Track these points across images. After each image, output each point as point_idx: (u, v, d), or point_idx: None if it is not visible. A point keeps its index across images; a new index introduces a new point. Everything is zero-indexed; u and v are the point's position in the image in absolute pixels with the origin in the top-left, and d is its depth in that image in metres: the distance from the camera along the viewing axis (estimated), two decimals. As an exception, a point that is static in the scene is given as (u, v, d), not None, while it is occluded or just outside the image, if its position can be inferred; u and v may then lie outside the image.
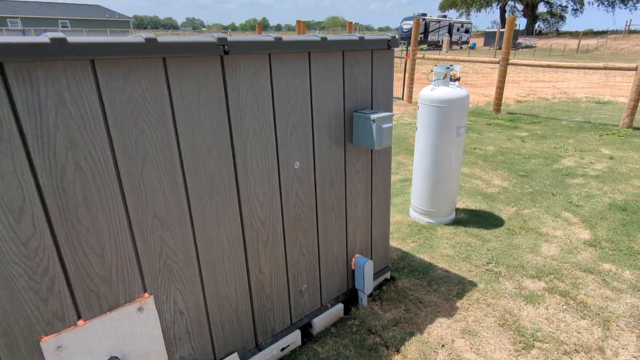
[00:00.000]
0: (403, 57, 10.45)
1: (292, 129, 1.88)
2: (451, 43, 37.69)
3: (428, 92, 3.29)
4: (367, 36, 2.08)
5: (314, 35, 1.87)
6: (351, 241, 2.39)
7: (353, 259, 2.43)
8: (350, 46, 1.98)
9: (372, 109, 2.24)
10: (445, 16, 43.59)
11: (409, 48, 9.57)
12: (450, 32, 39.83)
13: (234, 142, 1.69)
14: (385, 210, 2.56)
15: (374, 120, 2.04)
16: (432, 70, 3.31)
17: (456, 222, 3.65)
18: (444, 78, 3.25)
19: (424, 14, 41.36)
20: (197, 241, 1.67)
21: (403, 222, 3.68)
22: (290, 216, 2.01)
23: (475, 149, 5.96)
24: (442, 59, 9.42)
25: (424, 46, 37.35)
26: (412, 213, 3.75)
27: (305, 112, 1.91)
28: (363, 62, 2.10)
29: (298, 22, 13.28)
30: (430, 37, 38.97)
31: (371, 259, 2.57)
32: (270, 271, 2.00)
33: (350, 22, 11.52)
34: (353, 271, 2.47)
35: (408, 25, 36.56)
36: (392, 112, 2.29)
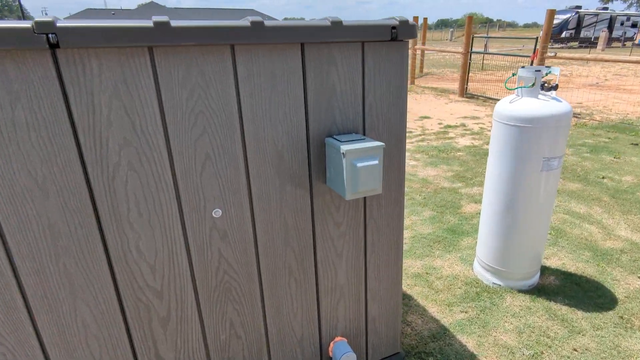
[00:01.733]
0: (529, 57, 8.64)
1: (204, 161, 1.23)
2: (611, 39, 31.36)
3: (505, 104, 2.25)
4: (353, 21, 1.28)
5: (244, 20, 1.17)
6: (328, 319, 1.63)
7: (331, 344, 1.67)
8: (315, 35, 1.23)
9: (363, 132, 1.43)
10: (606, 8, 36.55)
11: (537, 46, 7.81)
12: (610, 27, 33.21)
13: (90, 179, 1.11)
14: (393, 277, 1.72)
15: (344, 154, 1.25)
16: (514, 74, 2.25)
17: (538, 290, 2.52)
18: (531, 85, 2.18)
19: (579, 7, 35.28)
20: (35, 323, 1.15)
21: (460, 278, 2.69)
22: (210, 284, 1.36)
23: (603, 178, 4.39)
24: (580, 58, 7.45)
25: (574, 43, 31.87)
26: (477, 267, 2.72)
27: (228, 136, 1.23)
28: (345, 60, 1.31)
29: (415, 19, 12.16)
30: (584, 33, 33.04)
31: (367, 344, 1.76)
32: (177, 357, 1.39)
33: (470, 16, 9.97)
34: None
35: (556, 20, 31.57)
36: (396, 138, 1.46)
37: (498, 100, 8.93)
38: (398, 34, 1.33)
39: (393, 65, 1.39)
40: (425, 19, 14.37)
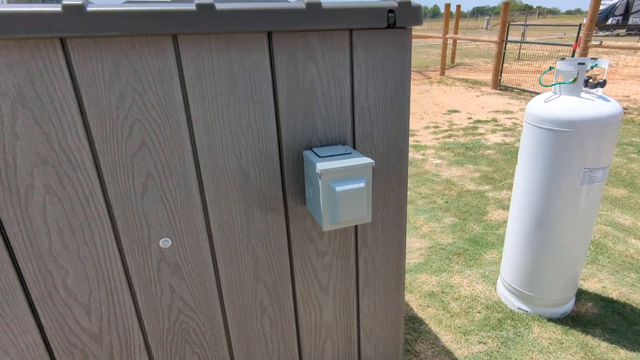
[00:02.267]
0: (571, 45, 7.93)
1: (145, 181, 0.98)
2: (664, 26, 28.90)
3: (539, 103, 1.89)
4: (337, 2, 0.99)
5: (188, 4, 0.91)
6: (312, 362, 1.38)
7: (316, 389, 1.41)
8: (287, 22, 0.94)
9: (353, 144, 1.15)
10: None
11: (580, 34, 7.12)
12: (665, 12, 30.60)
13: (-4, 205, 0.89)
14: (392, 314, 1.43)
15: (320, 174, 0.97)
16: (551, 67, 1.88)
17: (572, 320, 2.16)
18: (573, 81, 1.80)
19: (628, -9, 32.70)
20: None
21: (480, 299, 2.36)
22: (162, 325, 1.13)
23: (654, 183, 3.88)
24: (629, 47, 6.74)
25: (622, 31, 29.68)
26: (501, 288, 2.38)
27: (175, 150, 0.98)
28: (327, 54, 1.03)
29: (447, 5, 11.52)
30: (632, 20, 30.65)
31: (360, 387, 1.50)
32: (124, 407, 1.17)
33: (507, 2, 9.26)
34: (320, 404, 1.45)
35: (602, 5, 29.44)
36: (396, 151, 1.16)
37: (535, 93, 8.30)
38: (397, 19, 1.03)
39: (391, 59, 1.09)
40: (458, 7, 13.65)
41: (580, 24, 7.31)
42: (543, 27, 28.42)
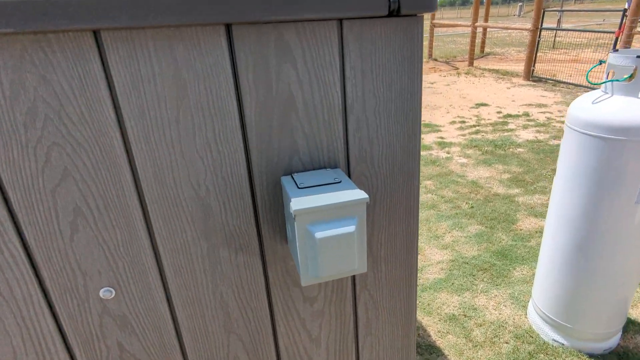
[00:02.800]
0: (613, 32, 7.28)
1: (74, 220, 0.76)
2: None
3: (585, 104, 1.57)
4: (321, -18, 0.74)
5: (115, -16, 0.67)
6: (301, 422, 1.15)
7: None
8: (252, 10, 0.70)
9: (347, 167, 0.89)
10: None
11: (624, 20, 6.50)
12: None
13: None
14: None
15: (294, 215, 0.73)
16: (601, 62, 1.56)
17: (619, 356, 1.85)
18: (629, 78, 1.47)
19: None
20: None
21: (508, 326, 2.07)
22: (111, 388, 0.92)
23: None
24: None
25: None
26: (532, 314, 2.08)
27: (111, 180, 0.75)
28: (309, 51, 0.77)
29: (476, -9, 10.90)
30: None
31: None
32: None
33: (542, -13, 8.61)
34: None
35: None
36: (404, 174, 0.90)
37: (572, 85, 7.70)
38: (402, 5, 0.76)
39: (395, 56, 0.83)
40: (488, -7, 12.93)
41: (625, 9, 6.67)
42: (580, 13, 26.86)
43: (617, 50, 1.53)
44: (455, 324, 2.09)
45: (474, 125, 5.63)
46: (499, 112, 6.21)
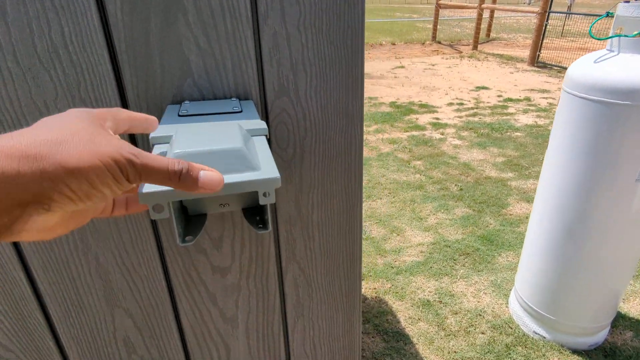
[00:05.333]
0: None
1: None
2: None
3: (586, 64, 1.35)
4: None
5: None
6: (219, 416, 0.96)
7: None
8: None
9: (263, 97, 0.68)
10: None
11: None
12: None
13: None
14: (342, 357, 0.99)
15: (152, 144, 0.52)
16: (608, 13, 1.32)
17: (604, 353, 1.67)
18: (639, 34, 1.24)
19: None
20: None
21: (486, 316, 1.88)
22: (-43, 369, 0.73)
23: None
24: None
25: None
26: (514, 304, 1.89)
27: None
28: None
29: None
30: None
31: None
32: None
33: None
34: None
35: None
36: (343, 115, 0.69)
37: (577, 71, 7.42)
38: None
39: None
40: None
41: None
42: (593, 3, 26.17)
43: (629, 0, 1.30)
44: (428, 311, 1.91)
45: (472, 108, 5.38)
46: (499, 96, 5.95)
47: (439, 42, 12.03)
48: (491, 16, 12.15)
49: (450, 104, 5.60)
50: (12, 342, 0.73)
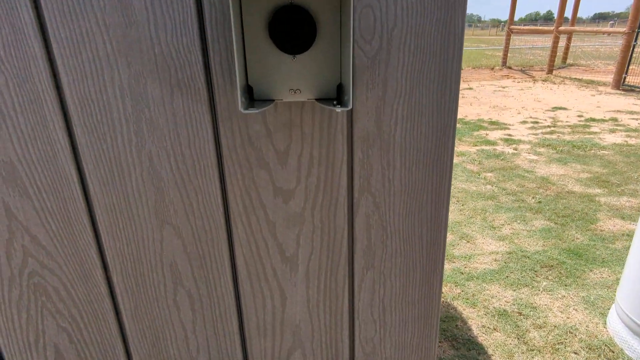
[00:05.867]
0: None
1: None
2: None
3: None
4: None
5: None
6: (267, 381, 0.82)
7: None
8: None
9: None
10: None
11: None
12: None
13: None
14: (419, 324, 0.81)
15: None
16: None
17: None
18: None
19: None
20: None
21: (579, 334, 1.57)
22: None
23: None
24: None
25: None
26: (614, 322, 1.57)
27: None
28: None
29: (563, 1, 9.91)
30: None
31: None
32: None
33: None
34: None
35: None
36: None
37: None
38: None
39: None
40: (577, 0, 11.79)
41: None
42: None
43: None
44: (506, 321, 1.64)
45: (549, 126, 4.94)
46: (579, 116, 5.43)
47: (510, 67, 11.49)
48: (569, 38, 11.42)
49: (524, 122, 5.20)
50: (56, 248, 0.66)
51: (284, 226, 0.69)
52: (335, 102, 0.53)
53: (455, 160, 3.76)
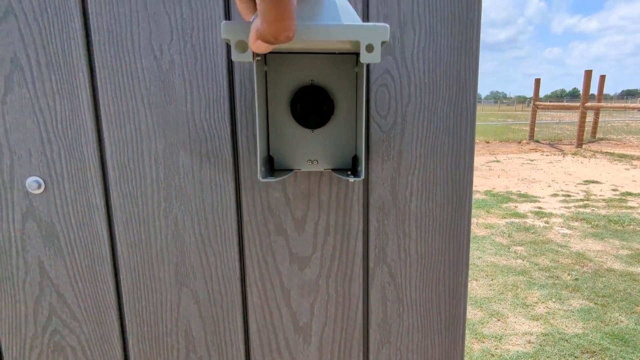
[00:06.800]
0: None
1: (9, 73, 0.60)
2: None
3: None
4: None
5: None
6: None
7: None
8: None
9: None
10: None
11: None
12: None
13: None
14: None
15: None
16: None
17: None
18: None
19: None
20: None
21: None
22: (24, 333, 0.68)
23: None
24: None
25: None
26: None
27: (52, 26, 0.59)
28: None
29: (587, 72, 10.12)
30: None
31: None
32: None
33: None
34: None
35: None
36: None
37: None
38: None
39: None
40: (602, 77, 11.97)
41: None
42: None
43: None
44: (544, 414, 1.46)
45: (582, 200, 4.77)
46: (614, 190, 5.23)
47: (537, 141, 11.47)
48: (596, 114, 11.40)
49: (555, 195, 5.06)
50: (79, 307, 0.68)
51: (299, 294, 0.69)
52: (349, 173, 0.55)
53: (484, 232, 3.65)
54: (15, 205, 0.64)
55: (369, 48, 0.34)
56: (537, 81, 11.89)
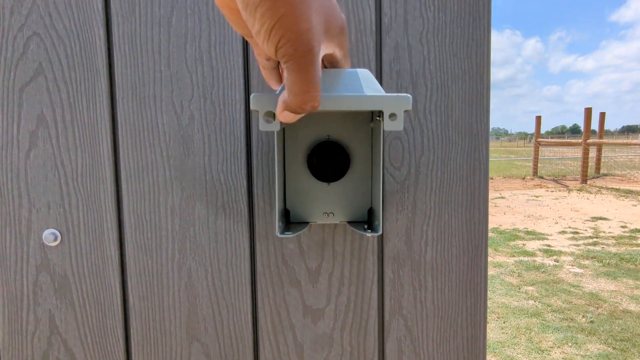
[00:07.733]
0: None
1: (35, 128, 0.62)
2: None
3: None
4: None
5: None
6: None
7: None
8: None
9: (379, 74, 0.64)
10: None
11: None
12: None
13: None
14: None
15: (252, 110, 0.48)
16: None
17: None
18: None
19: None
20: None
21: None
22: None
23: None
24: None
25: None
26: None
27: (78, 86, 0.61)
28: None
29: (587, 110, 10.27)
30: None
31: None
32: None
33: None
34: None
35: None
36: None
37: None
38: None
39: (451, -32, 0.61)
40: (602, 114, 12.14)
41: None
42: None
43: None
44: None
45: (591, 237, 4.69)
46: (623, 227, 5.16)
47: (541, 177, 11.46)
48: (599, 150, 11.45)
49: (563, 232, 4.99)
50: (83, 348, 0.66)
51: (312, 349, 0.66)
52: (365, 227, 0.55)
53: (492, 272, 3.57)
54: (30, 257, 0.64)
55: (392, 117, 0.35)
56: (538, 118, 12.07)
